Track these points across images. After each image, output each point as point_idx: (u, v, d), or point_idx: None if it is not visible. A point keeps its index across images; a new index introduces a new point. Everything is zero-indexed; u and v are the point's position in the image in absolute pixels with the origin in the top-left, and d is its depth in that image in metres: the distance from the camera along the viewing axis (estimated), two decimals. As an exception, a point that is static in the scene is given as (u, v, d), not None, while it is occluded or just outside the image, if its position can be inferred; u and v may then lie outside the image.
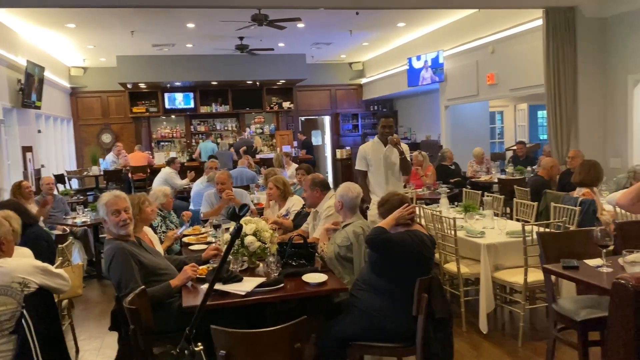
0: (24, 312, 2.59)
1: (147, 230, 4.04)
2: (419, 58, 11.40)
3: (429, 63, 11.11)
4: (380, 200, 3.40)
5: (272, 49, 11.52)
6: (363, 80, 15.57)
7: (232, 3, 6.87)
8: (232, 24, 9.05)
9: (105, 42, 10.81)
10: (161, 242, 4.36)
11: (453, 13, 9.73)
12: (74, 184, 11.79)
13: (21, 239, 3.51)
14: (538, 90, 7.97)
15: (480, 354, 3.99)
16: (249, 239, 3.50)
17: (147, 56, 12.47)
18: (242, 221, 3.67)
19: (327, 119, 16.11)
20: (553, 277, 3.37)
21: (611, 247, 3.19)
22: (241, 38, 10.68)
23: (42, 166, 10.44)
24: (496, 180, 8.32)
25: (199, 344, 1.63)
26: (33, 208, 5.61)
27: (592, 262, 2.87)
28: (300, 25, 9.44)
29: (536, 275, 4.04)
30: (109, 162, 11.85)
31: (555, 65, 7.32)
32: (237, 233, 1.68)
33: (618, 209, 4.56)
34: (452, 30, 10.49)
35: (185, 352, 1.57)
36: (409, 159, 5.12)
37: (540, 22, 7.52)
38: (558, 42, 7.29)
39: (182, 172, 9.98)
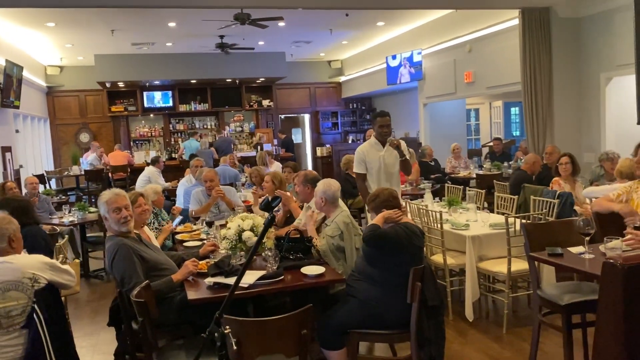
0: (35, 307, 2.66)
1: (144, 227, 4.12)
2: (397, 57, 11.60)
3: (408, 61, 11.32)
4: (371, 196, 3.54)
5: (253, 48, 11.59)
6: (342, 79, 15.73)
7: (215, 3, 6.93)
8: (214, 23, 9.10)
9: (84, 41, 10.73)
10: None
11: (431, 13, 9.95)
12: (53, 184, 11.67)
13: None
14: (514, 88, 8.25)
15: (467, 340, 4.17)
16: (246, 234, 3.61)
17: (126, 55, 12.40)
18: (238, 217, 3.82)
19: (306, 117, 16.24)
20: (536, 265, 3.57)
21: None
22: (222, 37, 10.73)
23: (21, 166, 10.32)
24: (474, 176, 8.57)
25: (227, 327, 1.75)
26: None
27: (575, 249, 3.07)
28: (281, 23, 9.54)
29: (518, 265, 4.25)
30: (90, 161, 11.76)
31: (531, 63, 7.58)
32: (270, 222, 1.79)
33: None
34: (430, 30, 10.72)
35: (215, 334, 1.68)
36: (408, 157, 4.92)
37: (516, 21, 7.78)
38: (533, 41, 7.56)
39: (164, 170, 9.98)
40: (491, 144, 10.46)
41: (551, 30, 7.60)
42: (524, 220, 4.20)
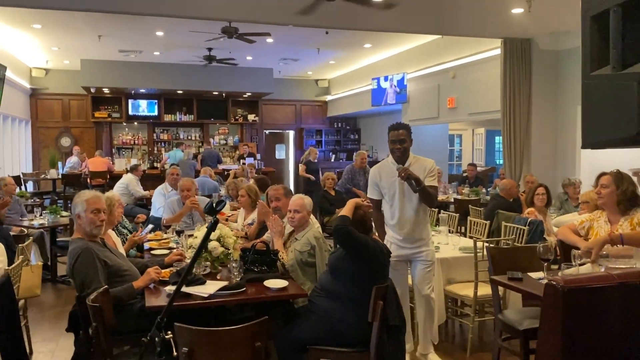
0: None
1: (111, 232, 4.07)
2: (384, 79, 11.73)
3: (393, 84, 11.45)
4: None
5: (237, 64, 11.64)
6: (328, 97, 15.84)
7: (202, 14, 6.96)
8: (202, 34, 9.14)
9: (70, 45, 10.69)
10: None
11: (417, 38, 10.09)
12: (29, 186, 11.51)
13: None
14: (495, 115, 8.37)
15: (430, 363, 4.15)
16: (212, 244, 3.59)
17: (113, 61, 12.37)
18: (205, 227, 3.80)
19: (291, 134, 16.29)
20: (500, 290, 3.59)
21: (555, 266, 3.50)
22: (210, 49, 10.77)
23: (-3, 167, 10.18)
24: (452, 200, 8.63)
25: (169, 332, 1.72)
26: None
27: (535, 274, 3.10)
28: (269, 40, 9.61)
29: (486, 290, 4.25)
30: (72, 163, 11.63)
31: (511, 92, 7.72)
32: (213, 226, 1.79)
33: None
34: (416, 54, 10.87)
35: (156, 339, 1.66)
36: (435, 183, 3.84)
37: (498, 51, 7.94)
38: (514, 71, 7.71)
39: (144, 179, 9.92)
40: (466, 169, 10.59)
41: (532, 61, 7.77)
42: (491, 245, 4.23)
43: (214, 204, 1.76)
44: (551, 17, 6.74)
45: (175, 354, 1.68)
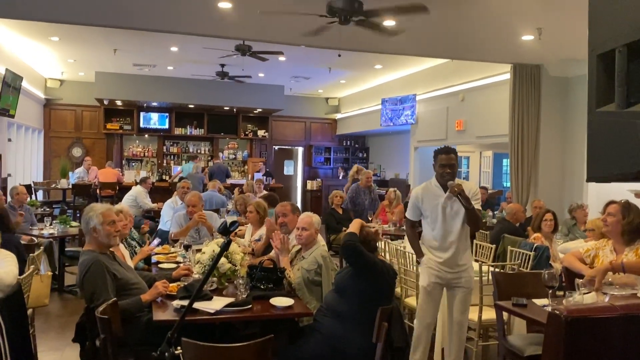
0: (-2, 315, 2.65)
1: (120, 245, 4.13)
2: (393, 99, 11.82)
3: (403, 105, 11.54)
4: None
5: (250, 77, 11.79)
6: (338, 116, 15.95)
7: (217, 33, 7.10)
8: (215, 51, 9.28)
9: (86, 57, 10.88)
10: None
11: (428, 60, 10.19)
12: (39, 195, 11.63)
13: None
14: (503, 139, 8.40)
15: (433, 386, 4.15)
16: (220, 260, 3.63)
17: (127, 74, 12.56)
18: (214, 242, 3.85)
19: (300, 150, 16.39)
20: (505, 315, 3.60)
21: (560, 292, 3.50)
22: (222, 65, 10.92)
23: (9, 175, 10.31)
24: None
25: (179, 347, 1.76)
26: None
27: (539, 301, 3.11)
28: (282, 58, 9.74)
29: (490, 314, 4.26)
30: (77, 175, 11.76)
31: (520, 117, 7.76)
32: (226, 246, 1.83)
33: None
34: (425, 76, 10.97)
35: (166, 354, 1.70)
36: (479, 207, 3.81)
37: (508, 76, 8.00)
38: (523, 96, 7.76)
39: (152, 192, 10.01)
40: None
41: (541, 87, 7.82)
42: (497, 270, 4.24)
43: (228, 225, 1.81)
44: (561, 45, 6.80)
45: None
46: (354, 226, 3.37)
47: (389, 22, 5.68)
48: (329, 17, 4.83)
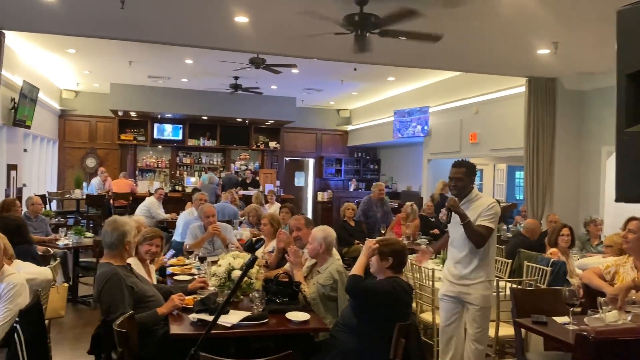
0: (17, 326, 2.66)
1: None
2: (406, 112, 11.82)
3: (416, 117, 11.53)
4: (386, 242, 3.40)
5: (262, 92, 11.87)
6: (349, 127, 15.98)
7: (232, 46, 7.16)
8: (230, 64, 9.36)
9: (102, 69, 11.02)
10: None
11: (441, 73, 10.20)
12: (53, 205, 11.72)
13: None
14: (517, 152, 8.36)
15: (449, 403, 4.09)
16: (235, 273, 3.62)
17: (141, 86, 12.70)
18: (230, 255, 3.84)
19: (311, 162, 16.41)
20: (523, 332, 3.55)
21: (578, 309, 3.45)
22: (236, 78, 11.00)
23: (24, 185, 10.41)
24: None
25: (202, 365, 1.75)
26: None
27: (559, 319, 3.07)
28: (295, 70, 9.80)
29: (506, 330, 4.22)
30: (94, 186, 11.86)
31: (535, 130, 7.72)
32: (251, 264, 1.83)
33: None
34: (439, 89, 10.97)
35: (188, 371, 1.69)
36: (487, 224, 3.70)
37: (523, 89, 7.97)
38: (538, 110, 7.72)
39: (165, 202, 10.06)
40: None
41: (556, 101, 7.78)
42: (514, 286, 4.20)
43: (253, 242, 1.81)
44: (577, 58, 6.78)
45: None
46: (359, 266, 3.31)
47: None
48: (345, 31, 4.85)
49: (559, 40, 5.90)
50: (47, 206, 10.88)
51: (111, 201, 11.48)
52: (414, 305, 4.71)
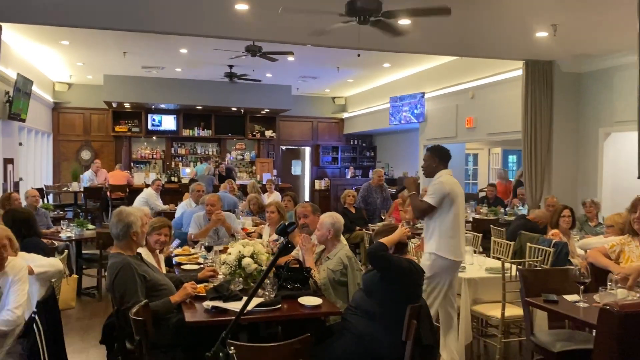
0: (36, 317, 2.68)
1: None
2: (401, 98, 11.83)
3: (411, 103, 11.54)
4: (387, 226, 3.63)
5: (260, 80, 11.82)
6: (345, 115, 15.97)
7: (228, 34, 7.12)
8: (225, 52, 9.31)
9: (95, 61, 10.93)
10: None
11: (436, 58, 10.19)
12: (50, 198, 11.68)
13: (20, 247, 3.59)
14: (514, 136, 8.41)
15: (457, 383, 4.16)
16: (246, 261, 3.65)
17: (135, 77, 12.60)
18: (240, 243, 3.86)
19: (307, 150, 16.41)
20: (530, 311, 3.61)
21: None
22: (231, 66, 10.94)
23: (21, 179, 10.35)
24: (470, 219, 8.63)
25: (232, 347, 1.78)
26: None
27: (569, 297, 3.12)
28: (290, 58, 9.76)
29: (512, 311, 4.28)
30: (86, 179, 11.81)
31: (532, 114, 7.77)
32: (285, 247, 1.85)
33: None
34: (435, 74, 10.97)
35: (220, 354, 1.72)
36: (428, 199, 4.16)
37: (519, 72, 8.00)
38: (536, 93, 7.76)
39: (162, 193, 10.04)
40: (486, 189, 10.60)
41: (553, 84, 7.82)
42: (520, 267, 4.25)
43: (286, 225, 1.83)
44: (575, 41, 6.80)
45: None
46: (391, 239, 3.37)
47: (404, 21, 5.68)
48: (348, 17, 4.84)
49: (558, 22, 5.91)
50: (45, 199, 10.84)
51: (108, 193, 11.45)
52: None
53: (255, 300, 3.27)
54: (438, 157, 4.33)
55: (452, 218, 4.15)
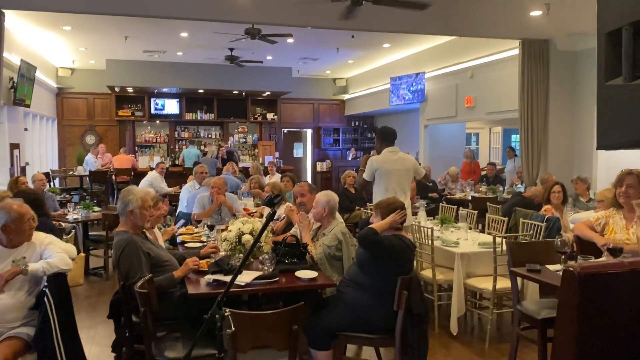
0: (47, 290, 2.85)
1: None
2: (401, 78, 11.89)
3: (411, 83, 11.61)
4: (384, 202, 3.73)
5: (261, 62, 11.89)
6: (346, 96, 16.03)
7: (228, 17, 7.20)
8: (225, 35, 9.39)
9: (97, 46, 11.03)
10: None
11: (436, 38, 10.24)
12: (56, 183, 11.87)
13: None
14: (512, 114, 8.50)
15: (450, 352, 4.35)
16: (245, 238, 3.81)
17: (137, 61, 12.70)
18: (239, 221, 4.03)
19: (309, 132, 16.51)
20: (519, 282, 3.77)
21: (572, 262, 3.66)
22: (231, 49, 11.02)
23: (27, 164, 10.53)
24: (470, 198, 8.78)
25: (227, 309, 1.94)
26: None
27: (552, 267, 3.28)
28: (290, 40, 9.83)
29: (504, 283, 4.44)
30: (89, 163, 12.00)
31: (529, 92, 7.85)
32: (271, 217, 2.00)
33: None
34: (434, 54, 11.02)
35: (217, 315, 1.88)
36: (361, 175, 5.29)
37: (516, 51, 8.07)
38: (532, 71, 7.84)
39: (167, 176, 10.22)
40: (486, 168, 10.73)
41: (549, 62, 7.89)
42: (510, 240, 4.40)
43: (272, 197, 1.98)
44: (569, 19, 6.86)
45: (233, 328, 1.90)
46: (382, 225, 3.48)
47: None
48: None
49: (551, 1, 5.98)
50: (51, 184, 11.03)
51: (113, 177, 11.63)
52: (414, 263, 4.93)
53: (254, 274, 3.44)
54: (381, 138, 5.15)
55: (383, 189, 4.99)
